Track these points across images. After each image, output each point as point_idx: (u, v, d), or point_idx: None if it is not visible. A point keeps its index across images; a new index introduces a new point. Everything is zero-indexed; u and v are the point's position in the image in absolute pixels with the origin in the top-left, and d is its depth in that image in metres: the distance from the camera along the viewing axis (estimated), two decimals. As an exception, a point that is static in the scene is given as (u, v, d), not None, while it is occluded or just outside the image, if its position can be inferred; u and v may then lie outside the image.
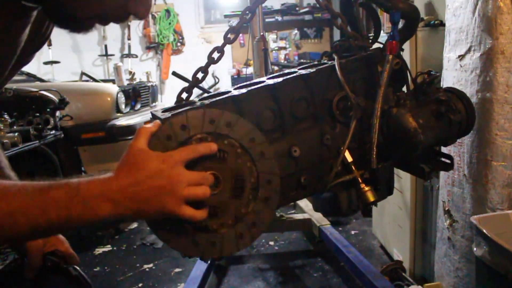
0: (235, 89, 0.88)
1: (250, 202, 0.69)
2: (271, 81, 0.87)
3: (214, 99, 0.83)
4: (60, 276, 0.86)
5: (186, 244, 0.64)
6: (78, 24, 0.64)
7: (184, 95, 0.89)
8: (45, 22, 0.77)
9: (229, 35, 0.90)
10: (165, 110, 0.83)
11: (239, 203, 0.68)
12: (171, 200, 0.60)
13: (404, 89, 0.99)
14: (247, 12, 0.92)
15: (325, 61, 0.99)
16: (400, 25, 0.93)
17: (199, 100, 0.86)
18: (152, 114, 0.84)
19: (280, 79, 0.86)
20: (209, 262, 2.13)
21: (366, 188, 0.84)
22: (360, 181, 0.85)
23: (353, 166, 0.85)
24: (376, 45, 0.99)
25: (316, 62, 1.00)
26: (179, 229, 0.64)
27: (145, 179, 0.60)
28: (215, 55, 0.89)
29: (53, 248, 0.87)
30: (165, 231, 0.64)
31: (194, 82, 0.89)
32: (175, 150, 0.65)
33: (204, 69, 0.90)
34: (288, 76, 0.88)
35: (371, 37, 1.04)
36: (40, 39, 0.79)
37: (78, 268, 0.88)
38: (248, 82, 0.92)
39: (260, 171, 0.71)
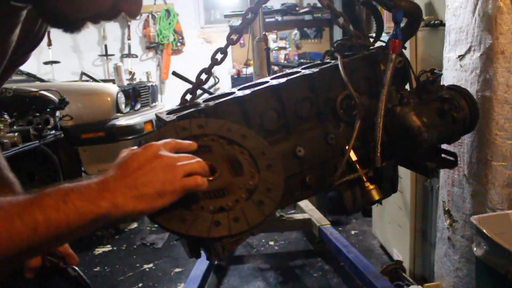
0: (239, 89, 0.88)
1: (255, 175, 0.68)
2: (274, 82, 0.87)
3: (218, 101, 0.83)
4: (59, 277, 0.85)
5: (208, 227, 0.59)
6: (70, 23, 0.64)
7: (188, 97, 0.89)
8: (37, 21, 0.76)
9: (232, 36, 0.90)
10: (170, 112, 0.83)
11: (244, 178, 0.67)
12: (170, 174, 0.58)
13: (407, 87, 0.99)
14: (249, 12, 0.92)
15: (328, 61, 0.99)
16: (402, 24, 0.94)
17: (204, 101, 0.86)
18: (157, 116, 0.84)
19: (283, 79, 0.86)
20: (214, 262, 2.13)
21: (371, 187, 0.84)
22: (365, 179, 0.85)
23: (357, 165, 0.86)
24: (378, 44, 0.99)
25: (318, 62, 1.00)
26: (194, 216, 0.61)
27: (139, 165, 0.59)
28: (219, 56, 0.89)
29: (52, 249, 0.86)
30: (180, 223, 0.60)
31: (198, 84, 0.89)
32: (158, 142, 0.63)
33: (208, 70, 0.90)
34: (292, 76, 0.88)
35: (372, 36, 1.04)
36: (34, 38, 0.78)
37: (77, 268, 0.87)
38: (251, 83, 0.92)
39: (249, 148, 0.71)
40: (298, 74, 0.89)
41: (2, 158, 0.90)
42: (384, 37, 1.01)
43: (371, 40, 1.00)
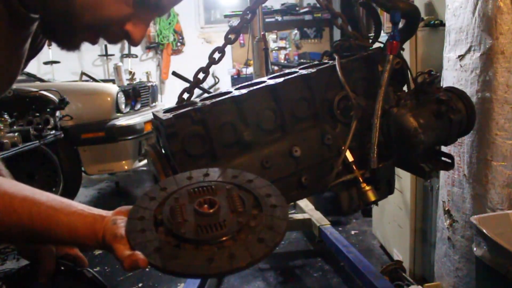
0: (236, 89, 0.88)
1: (255, 212, 0.64)
2: (271, 81, 0.87)
3: (215, 100, 0.83)
4: (75, 279, 0.85)
5: (226, 261, 0.57)
6: (69, 37, 0.65)
7: (185, 96, 0.89)
8: (39, 34, 0.78)
9: (230, 35, 0.90)
10: (167, 111, 0.83)
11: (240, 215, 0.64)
12: None
13: (405, 88, 0.99)
14: (248, 12, 0.92)
15: (326, 61, 0.99)
16: (401, 25, 0.93)
17: (200, 100, 0.86)
18: (154, 115, 0.85)
19: (280, 79, 0.86)
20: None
21: (367, 188, 0.84)
22: (361, 180, 0.85)
23: (354, 166, 0.85)
24: (376, 45, 0.99)
25: (316, 62, 1.00)
26: (213, 251, 0.58)
27: None
28: (216, 55, 0.89)
29: (63, 252, 0.86)
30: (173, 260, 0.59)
31: (195, 83, 0.89)
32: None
33: (205, 70, 0.90)
34: (289, 76, 0.88)
35: (371, 37, 1.04)
36: (34, 48, 0.80)
37: (91, 270, 0.88)
38: (249, 82, 0.92)
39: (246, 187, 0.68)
40: (295, 74, 0.89)
41: (2, 165, 0.91)
42: (383, 37, 1.00)
43: (369, 41, 1.00)
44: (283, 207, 0.64)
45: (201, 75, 0.90)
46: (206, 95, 0.92)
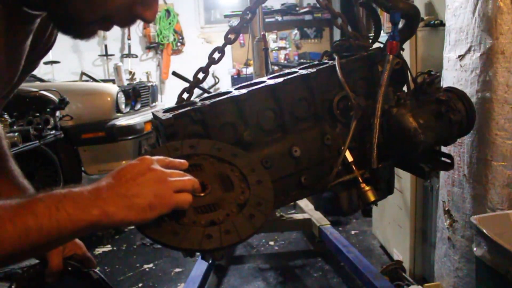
0: (235, 89, 0.88)
1: (245, 190, 0.69)
2: (271, 81, 0.87)
3: (215, 100, 0.83)
4: (82, 280, 0.85)
5: (199, 240, 0.61)
6: (82, 29, 0.64)
7: (185, 96, 0.89)
8: (47, 30, 0.77)
9: (229, 35, 0.90)
10: (166, 111, 0.83)
11: (234, 194, 0.68)
12: (162, 188, 0.59)
13: (405, 88, 0.99)
14: (248, 12, 0.92)
15: (326, 61, 0.99)
16: (400, 25, 0.93)
17: (200, 100, 0.86)
18: (153, 115, 0.85)
19: (280, 79, 0.86)
20: (209, 262, 2.13)
21: (367, 188, 0.84)
22: (361, 180, 0.85)
23: (353, 166, 0.85)
24: (376, 45, 0.99)
25: (316, 62, 1.00)
26: (186, 230, 0.62)
27: (132, 176, 0.59)
28: (216, 55, 0.89)
29: (72, 253, 0.86)
30: (172, 236, 0.61)
31: (195, 83, 0.89)
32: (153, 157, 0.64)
33: (205, 69, 0.90)
34: (289, 76, 0.88)
35: (371, 37, 1.04)
36: (44, 46, 0.79)
37: (98, 271, 0.88)
38: (248, 82, 0.92)
39: (239, 166, 0.71)
40: (295, 74, 0.89)
41: (15, 165, 0.91)
42: (384, 37, 1.00)
43: (369, 41, 1.00)
44: (266, 182, 0.70)
45: (200, 75, 0.90)
46: (206, 95, 0.93)
